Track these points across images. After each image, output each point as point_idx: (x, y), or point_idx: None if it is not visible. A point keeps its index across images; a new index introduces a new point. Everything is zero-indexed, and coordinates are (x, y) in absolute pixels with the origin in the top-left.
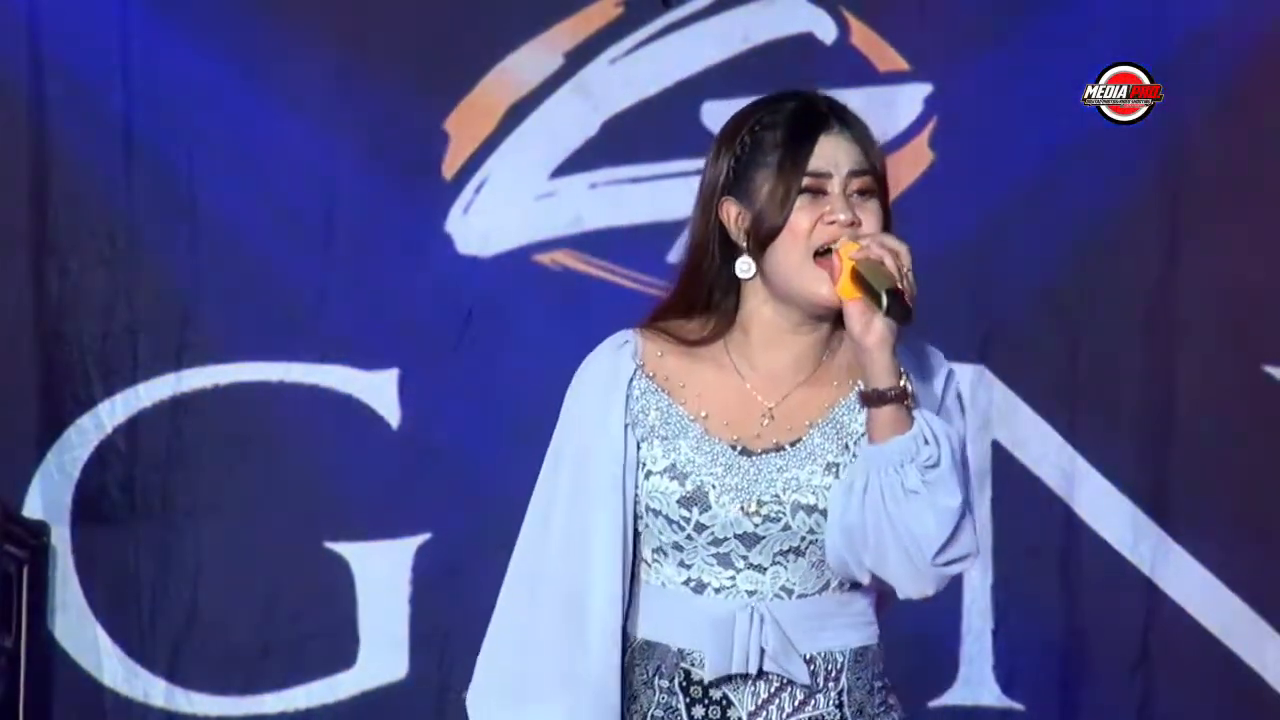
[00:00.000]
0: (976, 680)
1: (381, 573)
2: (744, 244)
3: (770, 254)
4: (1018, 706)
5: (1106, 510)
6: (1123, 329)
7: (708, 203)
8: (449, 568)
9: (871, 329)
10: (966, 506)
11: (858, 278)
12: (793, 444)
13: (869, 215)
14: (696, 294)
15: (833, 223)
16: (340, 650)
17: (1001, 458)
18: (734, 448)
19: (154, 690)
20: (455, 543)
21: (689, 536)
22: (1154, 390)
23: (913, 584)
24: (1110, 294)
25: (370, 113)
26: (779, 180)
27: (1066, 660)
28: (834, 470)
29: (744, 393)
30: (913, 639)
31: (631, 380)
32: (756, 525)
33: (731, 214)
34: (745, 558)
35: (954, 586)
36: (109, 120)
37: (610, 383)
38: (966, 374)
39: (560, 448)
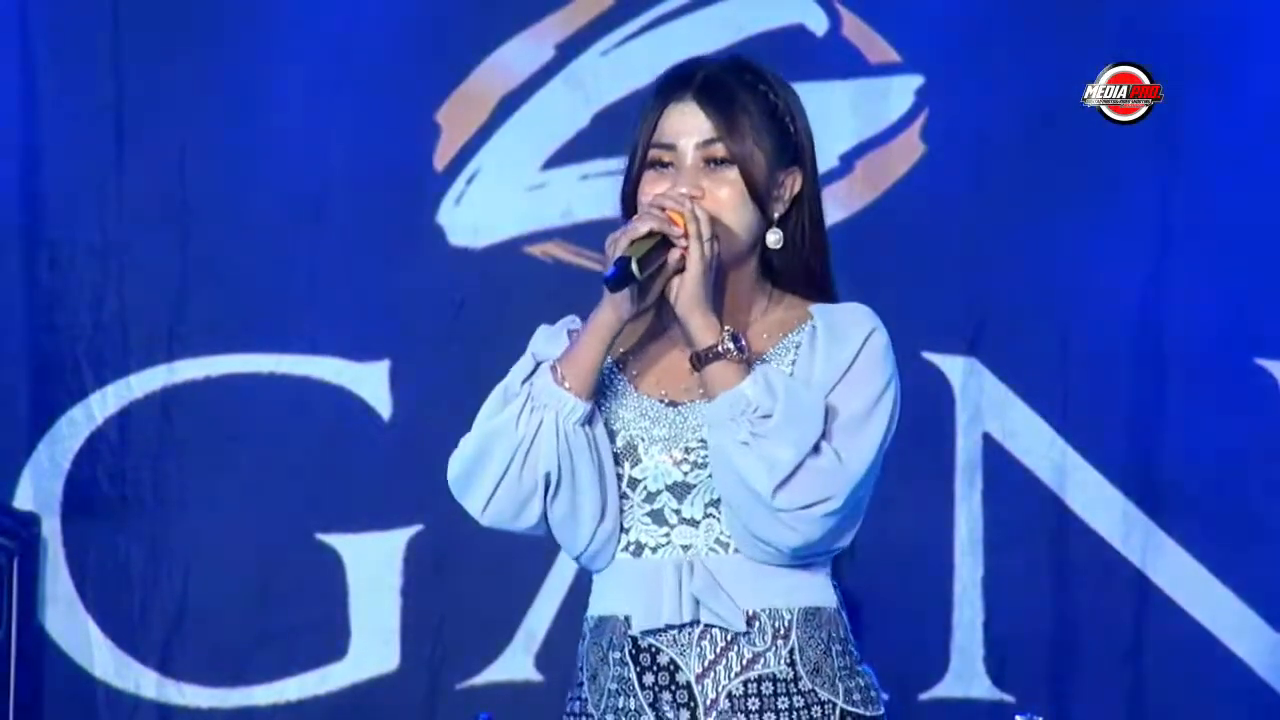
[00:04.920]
0: (967, 672)
1: (373, 564)
2: None
3: None
4: (1008, 698)
5: (1097, 502)
6: (1114, 322)
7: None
8: (440, 559)
9: (678, 299)
10: (811, 454)
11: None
12: None
13: (721, 185)
14: None
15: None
16: (331, 642)
17: (993, 450)
18: (662, 401)
19: (145, 682)
20: (446, 534)
21: (624, 495)
22: (1145, 383)
23: (777, 534)
24: (1102, 286)
25: (362, 104)
26: (634, 151)
27: (1057, 652)
28: None
29: (679, 349)
30: (903, 631)
31: None
32: (686, 473)
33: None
34: (678, 511)
35: (944, 578)
36: (100, 111)
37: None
38: (958, 366)
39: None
